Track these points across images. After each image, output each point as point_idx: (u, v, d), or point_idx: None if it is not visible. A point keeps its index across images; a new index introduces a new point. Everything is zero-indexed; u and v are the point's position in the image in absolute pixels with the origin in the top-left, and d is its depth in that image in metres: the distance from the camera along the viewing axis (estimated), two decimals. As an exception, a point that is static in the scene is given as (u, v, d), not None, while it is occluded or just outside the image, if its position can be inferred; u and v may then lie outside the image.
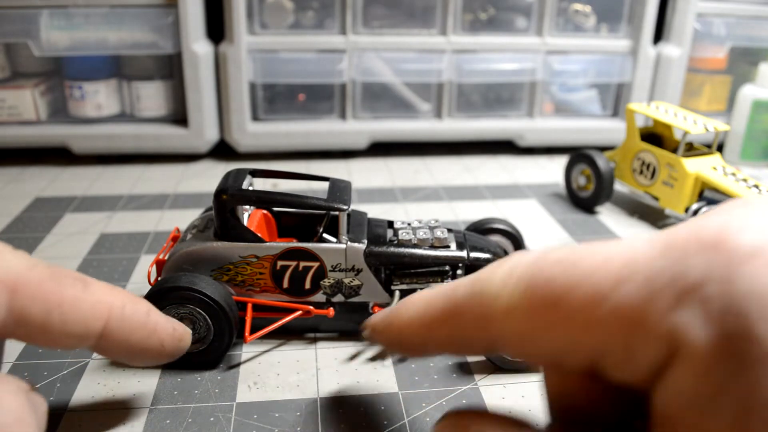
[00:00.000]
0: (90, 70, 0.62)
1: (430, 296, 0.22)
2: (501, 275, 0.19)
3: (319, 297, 0.34)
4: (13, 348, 0.33)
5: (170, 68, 0.64)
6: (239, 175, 0.34)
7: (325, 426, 0.28)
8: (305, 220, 0.37)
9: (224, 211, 0.32)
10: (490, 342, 0.20)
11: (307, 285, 0.33)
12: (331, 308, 0.34)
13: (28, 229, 0.48)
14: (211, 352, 0.32)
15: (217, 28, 0.63)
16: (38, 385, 0.31)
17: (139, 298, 0.26)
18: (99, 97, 0.62)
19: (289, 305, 0.33)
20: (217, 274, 0.33)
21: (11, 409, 0.20)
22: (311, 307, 0.33)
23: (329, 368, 0.32)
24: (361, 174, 0.63)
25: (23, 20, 0.58)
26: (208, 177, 0.61)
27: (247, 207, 0.34)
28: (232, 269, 0.33)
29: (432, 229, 0.35)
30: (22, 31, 0.58)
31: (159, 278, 0.34)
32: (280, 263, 0.33)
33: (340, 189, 0.34)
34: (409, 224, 0.36)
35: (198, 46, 0.60)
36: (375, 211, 0.53)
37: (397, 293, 0.33)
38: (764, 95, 0.64)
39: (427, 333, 0.22)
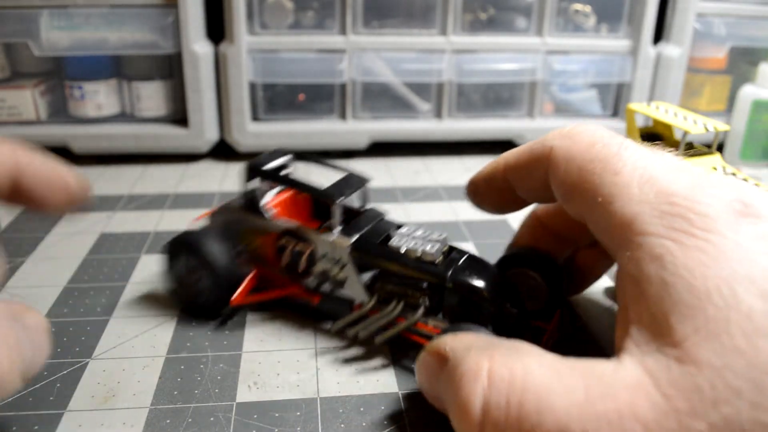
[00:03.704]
0: (90, 70, 0.62)
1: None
2: None
3: (310, 282, 0.35)
4: (13, 348, 0.34)
5: (170, 68, 0.64)
6: (274, 154, 0.37)
7: (325, 426, 0.29)
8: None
9: (246, 183, 0.36)
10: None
11: (301, 267, 0.35)
12: (318, 296, 0.35)
13: (28, 229, 0.48)
14: (209, 303, 0.35)
15: (217, 28, 0.63)
16: (38, 385, 0.31)
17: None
18: (99, 97, 0.62)
19: (285, 281, 0.36)
20: (239, 238, 0.36)
21: None
22: (300, 290, 0.35)
23: (329, 368, 0.32)
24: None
25: (23, 20, 0.58)
26: (208, 177, 0.61)
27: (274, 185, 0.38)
28: (249, 237, 0.36)
29: (427, 241, 0.33)
30: (22, 31, 0.58)
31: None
32: (281, 241, 0.35)
33: (347, 182, 0.35)
34: (412, 232, 0.34)
35: (198, 46, 0.60)
36: (375, 211, 0.53)
37: (374, 298, 0.33)
38: (764, 95, 0.64)
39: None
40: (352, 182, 0.36)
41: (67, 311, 0.37)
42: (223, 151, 0.66)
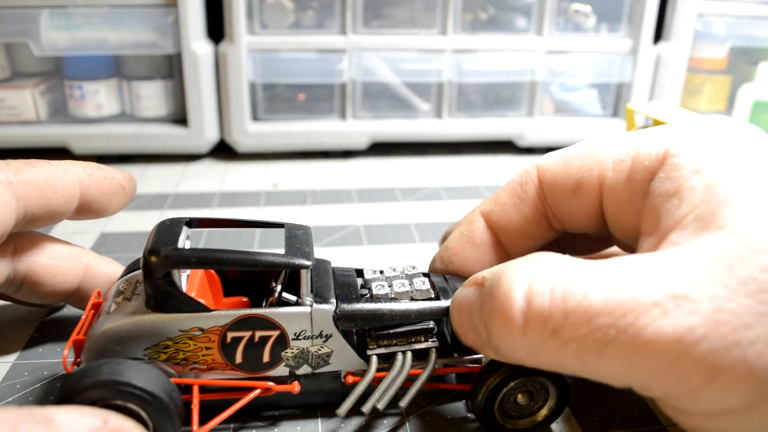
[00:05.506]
0: (90, 70, 0.62)
1: None
2: None
3: (281, 370, 0.28)
4: (13, 348, 0.34)
5: (170, 68, 0.64)
6: (174, 228, 0.28)
7: (325, 426, 0.29)
8: (256, 273, 0.32)
9: (157, 276, 0.26)
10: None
11: (266, 358, 0.28)
12: (296, 382, 0.28)
13: (28, 229, 0.48)
14: None
15: (217, 28, 0.63)
16: (38, 385, 0.31)
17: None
18: (99, 97, 0.62)
19: (245, 383, 0.27)
20: (153, 352, 0.27)
21: None
22: (272, 384, 0.27)
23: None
24: (361, 174, 0.63)
25: (23, 20, 0.58)
26: (208, 177, 0.61)
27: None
28: (171, 346, 0.27)
29: (410, 277, 0.30)
30: (22, 31, 0.58)
31: (77, 364, 0.27)
32: (230, 335, 0.27)
33: (298, 238, 0.29)
34: (381, 272, 0.31)
35: (198, 46, 0.60)
36: (375, 211, 0.53)
37: (374, 359, 0.28)
38: (764, 95, 0.64)
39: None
40: (300, 236, 0.29)
41: (67, 310, 0.37)
42: (223, 151, 0.66)
